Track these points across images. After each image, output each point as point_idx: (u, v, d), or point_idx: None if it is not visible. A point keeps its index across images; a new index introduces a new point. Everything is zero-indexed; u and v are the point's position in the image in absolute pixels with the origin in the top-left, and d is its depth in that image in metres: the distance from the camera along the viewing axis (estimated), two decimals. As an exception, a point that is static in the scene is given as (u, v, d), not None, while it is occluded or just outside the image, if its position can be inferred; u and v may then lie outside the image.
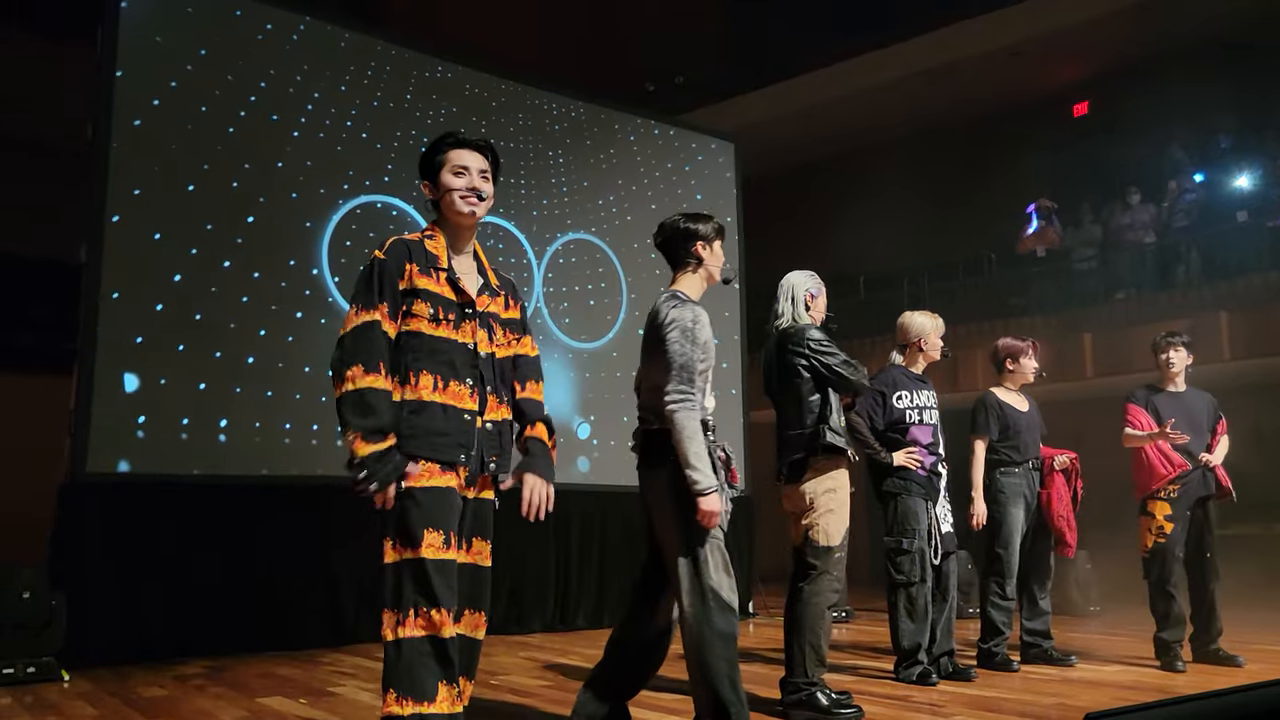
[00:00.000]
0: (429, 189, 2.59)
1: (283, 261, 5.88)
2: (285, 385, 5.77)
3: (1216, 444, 5.06)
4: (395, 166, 6.38)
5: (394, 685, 2.30)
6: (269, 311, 5.78)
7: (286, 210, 5.93)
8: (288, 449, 5.74)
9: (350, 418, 2.34)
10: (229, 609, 5.33)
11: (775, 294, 4.03)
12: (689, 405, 2.96)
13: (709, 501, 2.91)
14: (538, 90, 7.32)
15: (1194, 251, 9.80)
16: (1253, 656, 5.03)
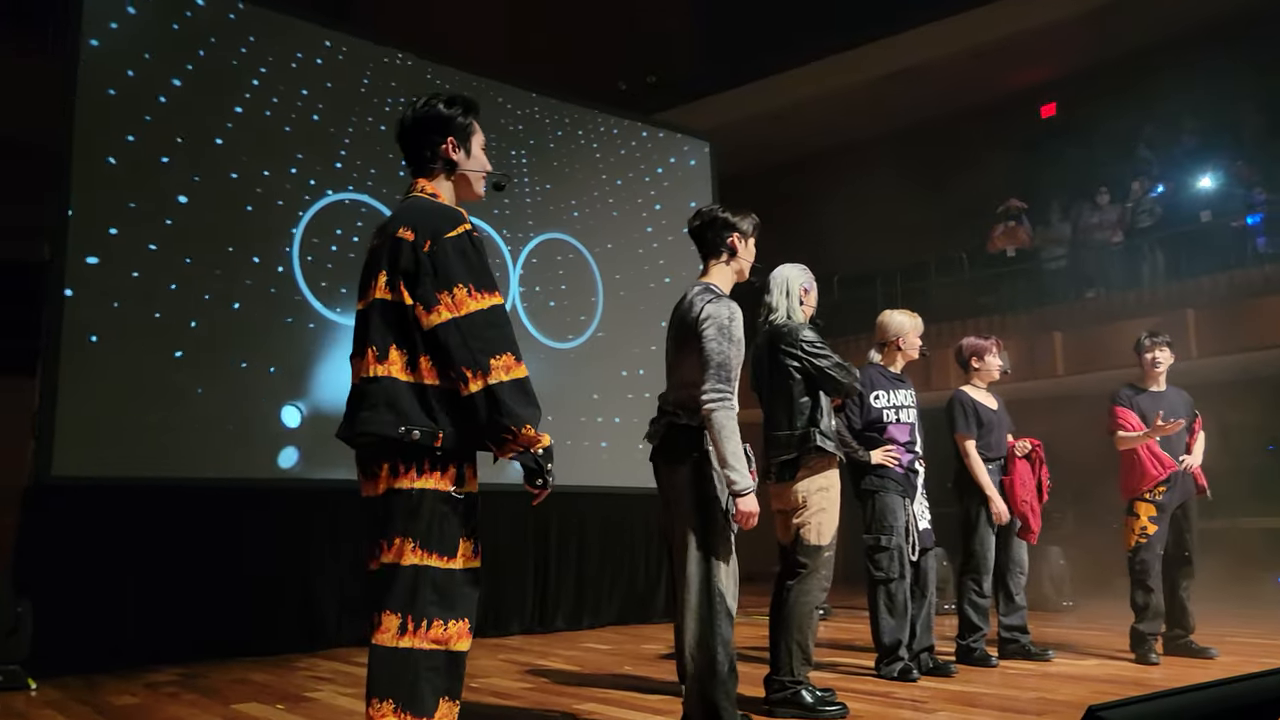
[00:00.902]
0: (454, 149, 2.41)
1: (246, 259, 5.77)
2: (253, 385, 5.67)
3: (1194, 443, 5.11)
4: (364, 163, 6.30)
5: (393, 695, 2.14)
6: (233, 311, 5.67)
7: (253, 207, 5.84)
8: (257, 450, 5.64)
9: (521, 409, 2.17)
10: (201, 614, 5.24)
11: (767, 285, 3.97)
12: (727, 404, 2.96)
13: (748, 502, 2.93)
14: (510, 87, 7.27)
15: (1159, 251, 9.93)
16: (1225, 649, 5.10)
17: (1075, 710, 3.64)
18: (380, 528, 2.24)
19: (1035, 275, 10.85)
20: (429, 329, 2.20)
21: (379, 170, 6.31)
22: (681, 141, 8.30)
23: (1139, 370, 5.23)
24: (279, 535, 5.59)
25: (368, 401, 2.24)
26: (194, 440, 5.41)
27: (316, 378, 5.92)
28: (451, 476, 2.22)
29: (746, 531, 3.02)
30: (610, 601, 7.16)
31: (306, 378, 5.89)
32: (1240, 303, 8.72)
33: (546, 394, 6.89)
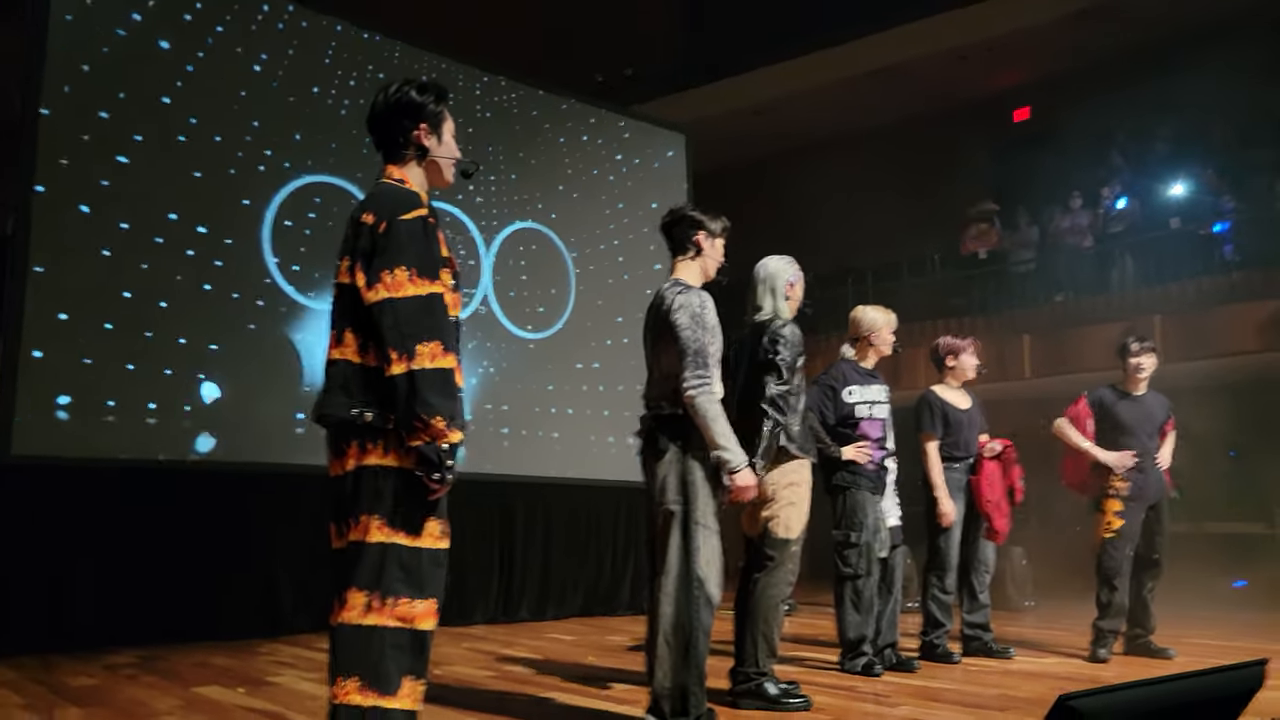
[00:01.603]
0: (426, 135, 2.39)
1: (218, 240, 5.68)
2: (219, 368, 5.59)
3: (1164, 443, 5.17)
4: (339, 146, 6.22)
5: (358, 672, 2.14)
6: (202, 292, 5.59)
7: (224, 187, 5.75)
8: (220, 434, 5.57)
9: (435, 400, 2.13)
10: (161, 597, 5.17)
11: (752, 281, 3.95)
12: (708, 389, 3.02)
13: (743, 477, 3.03)
14: (485, 74, 7.21)
15: (1128, 256, 10.04)
16: (1183, 650, 5.17)
17: (1035, 705, 3.68)
18: (348, 506, 2.23)
19: (1005, 278, 10.95)
20: (367, 306, 2.21)
21: (352, 152, 6.23)
22: (658, 134, 8.28)
23: (1119, 374, 5.25)
24: (239, 519, 5.52)
25: (326, 384, 2.28)
26: (158, 423, 5.34)
27: (282, 362, 5.85)
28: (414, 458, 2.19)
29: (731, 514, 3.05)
30: (575, 593, 7.14)
31: (273, 362, 5.82)
32: (1207, 310, 8.85)
33: (515, 384, 6.96)
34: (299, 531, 5.57)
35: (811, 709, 3.59)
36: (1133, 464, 4.98)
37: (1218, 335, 8.65)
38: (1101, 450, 5.04)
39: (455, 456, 2.21)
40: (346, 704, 2.14)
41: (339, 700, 2.15)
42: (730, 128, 12.33)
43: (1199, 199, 9.82)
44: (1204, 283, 9.17)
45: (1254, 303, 8.58)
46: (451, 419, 2.18)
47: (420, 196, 2.33)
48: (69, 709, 3.50)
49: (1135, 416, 5.09)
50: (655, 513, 3.11)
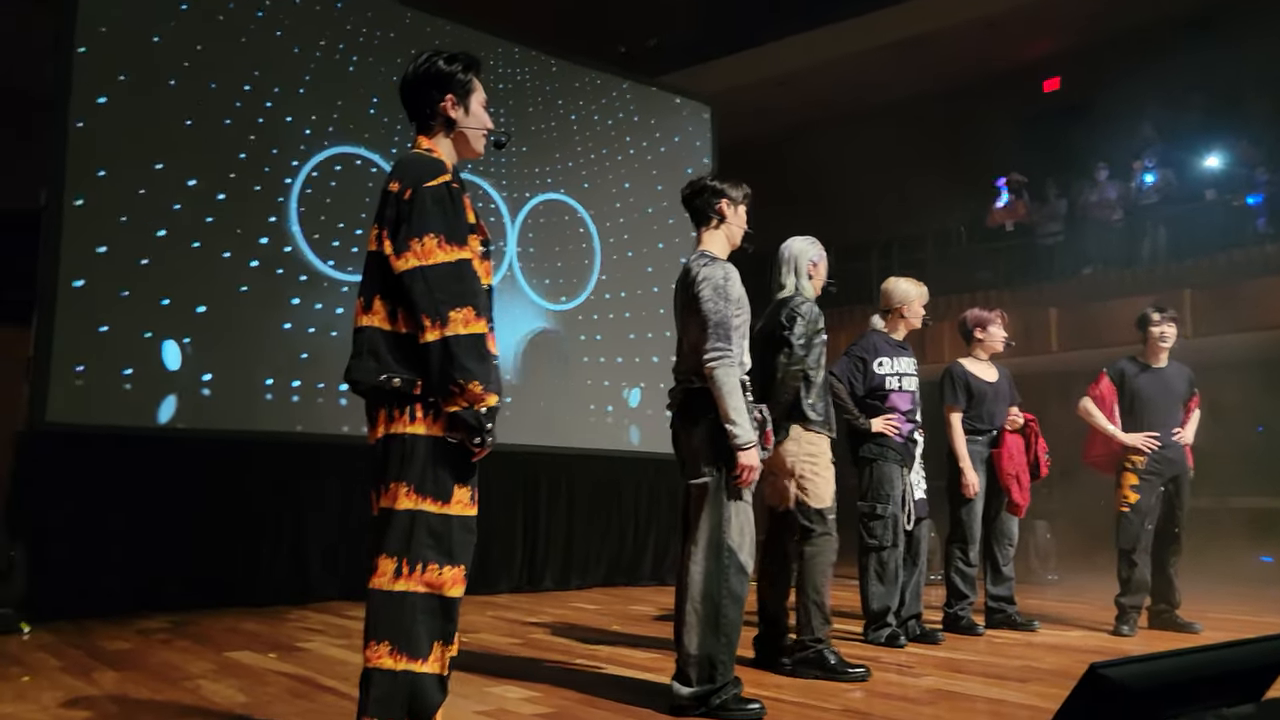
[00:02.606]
0: (453, 106, 2.39)
1: (241, 208, 5.71)
2: (247, 338, 5.65)
3: (1188, 420, 5.13)
4: (366, 119, 6.24)
5: (389, 636, 2.18)
6: (221, 260, 5.61)
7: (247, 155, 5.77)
8: (252, 403, 5.64)
9: (472, 365, 2.16)
10: (192, 564, 5.26)
11: (777, 260, 3.97)
12: (728, 361, 3.02)
13: (748, 456, 3.00)
14: (510, 45, 7.18)
15: (1161, 229, 9.91)
16: (1209, 624, 5.16)
17: (1058, 677, 3.69)
18: (379, 474, 2.26)
19: (1032, 251, 10.83)
20: (397, 274, 2.22)
21: (379, 124, 6.24)
22: (682, 105, 8.23)
23: (1140, 346, 5.22)
24: (270, 488, 5.60)
25: (355, 350, 2.29)
26: (190, 392, 5.40)
27: (305, 330, 5.90)
28: (445, 423, 2.22)
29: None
30: (598, 563, 7.20)
31: (296, 330, 5.86)
32: (1238, 283, 8.72)
33: (540, 355, 6.97)
34: (328, 500, 5.64)
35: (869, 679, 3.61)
36: (1153, 446, 4.96)
37: (1248, 309, 8.52)
38: (1123, 433, 5.02)
39: (493, 420, 2.23)
40: (379, 667, 2.18)
41: (371, 664, 2.19)
42: (755, 98, 12.22)
43: (1233, 171, 9.65)
44: (1235, 255, 9.03)
45: (1286, 275, 8.45)
46: (487, 383, 2.20)
47: (445, 164, 2.33)
48: (105, 672, 3.58)
49: (1156, 388, 5.06)
50: (688, 484, 3.12)
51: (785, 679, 3.64)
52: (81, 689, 3.29)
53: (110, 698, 3.17)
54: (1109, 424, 5.08)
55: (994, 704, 3.27)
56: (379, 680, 2.18)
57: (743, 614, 3.08)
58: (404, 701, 2.19)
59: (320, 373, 5.83)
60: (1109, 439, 5.09)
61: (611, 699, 3.24)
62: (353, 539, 5.56)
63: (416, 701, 2.20)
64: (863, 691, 3.43)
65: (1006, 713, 3.16)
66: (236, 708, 3.05)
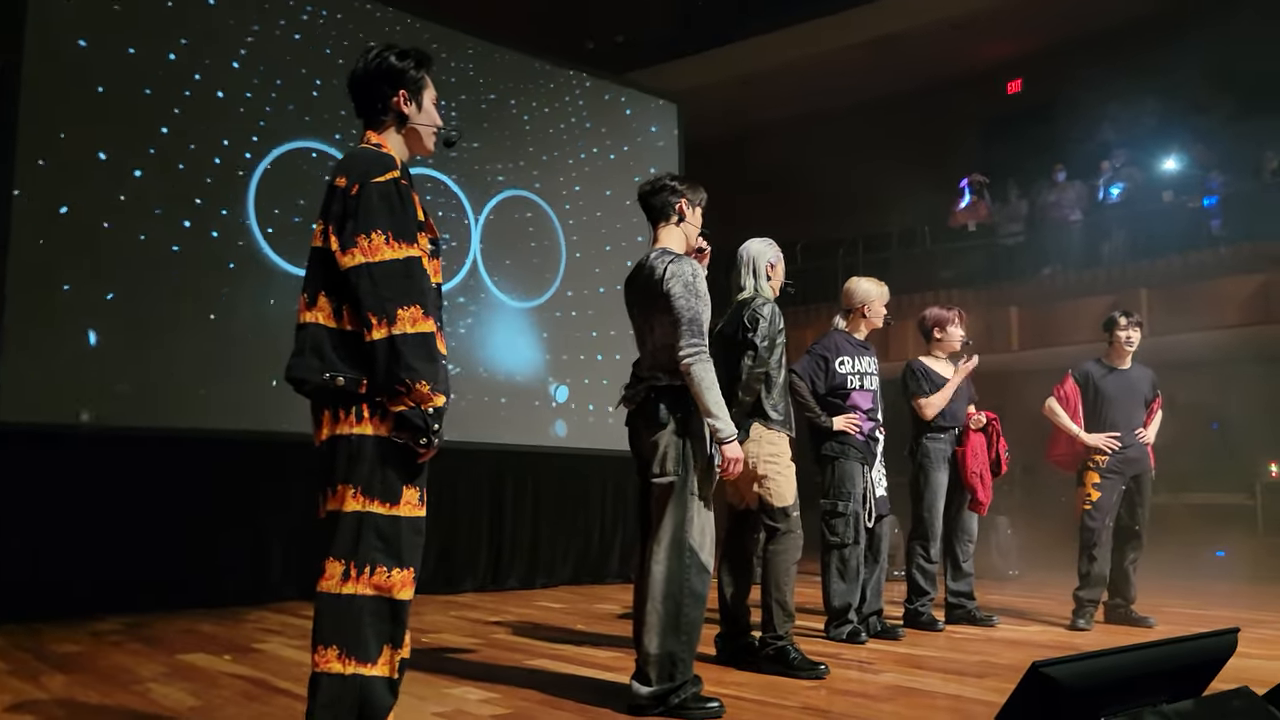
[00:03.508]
0: (405, 102, 2.37)
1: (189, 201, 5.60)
2: (201, 334, 5.55)
3: (1150, 420, 5.23)
4: (321, 111, 6.15)
5: (338, 640, 2.15)
6: (170, 254, 5.51)
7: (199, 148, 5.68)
8: (208, 400, 5.55)
9: (418, 364, 2.13)
10: (146, 564, 5.16)
11: (736, 261, 4.00)
12: (704, 357, 3.04)
13: (733, 449, 3.04)
14: (476, 39, 7.13)
15: (1117, 230, 10.05)
16: (1163, 618, 5.25)
17: (1015, 672, 3.70)
18: (326, 475, 2.23)
19: (994, 251, 10.95)
20: (342, 270, 2.19)
21: (337, 118, 6.17)
22: (650, 103, 8.22)
23: (1104, 347, 5.30)
24: (231, 486, 5.52)
25: (297, 347, 2.26)
26: (141, 390, 5.31)
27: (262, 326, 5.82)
28: (392, 423, 2.19)
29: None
30: (564, 562, 7.18)
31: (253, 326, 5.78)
32: (1193, 284, 8.87)
33: (504, 353, 6.93)
34: (287, 499, 5.57)
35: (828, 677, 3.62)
36: (1115, 446, 5.04)
37: (1203, 308, 8.68)
38: (1086, 434, 5.09)
39: (440, 421, 2.21)
40: (327, 671, 2.16)
41: (320, 668, 2.16)
42: (722, 97, 12.24)
43: (1189, 173, 9.81)
44: (1191, 257, 9.18)
45: (1239, 276, 8.61)
46: (435, 383, 2.18)
47: (394, 159, 2.30)
48: (54, 675, 3.51)
49: (1119, 389, 5.15)
50: (648, 483, 3.11)
51: (746, 676, 3.64)
52: (29, 692, 3.22)
53: (57, 702, 3.11)
54: (1073, 424, 5.15)
55: (952, 699, 3.30)
56: (327, 684, 2.15)
57: (704, 613, 3.08)
58: (353, 705, 2.16)
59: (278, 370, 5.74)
60: (1073, 438, 5.16)
61: (571, 699, 3.22)
62: (313, 538, 5.44)
63: (366, 705, 2.18)
64: (823, 688, 3.45)
65: (964, 708, 3.18)
66: (186, 711, 3.00)
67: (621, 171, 7.77)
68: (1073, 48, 11.27)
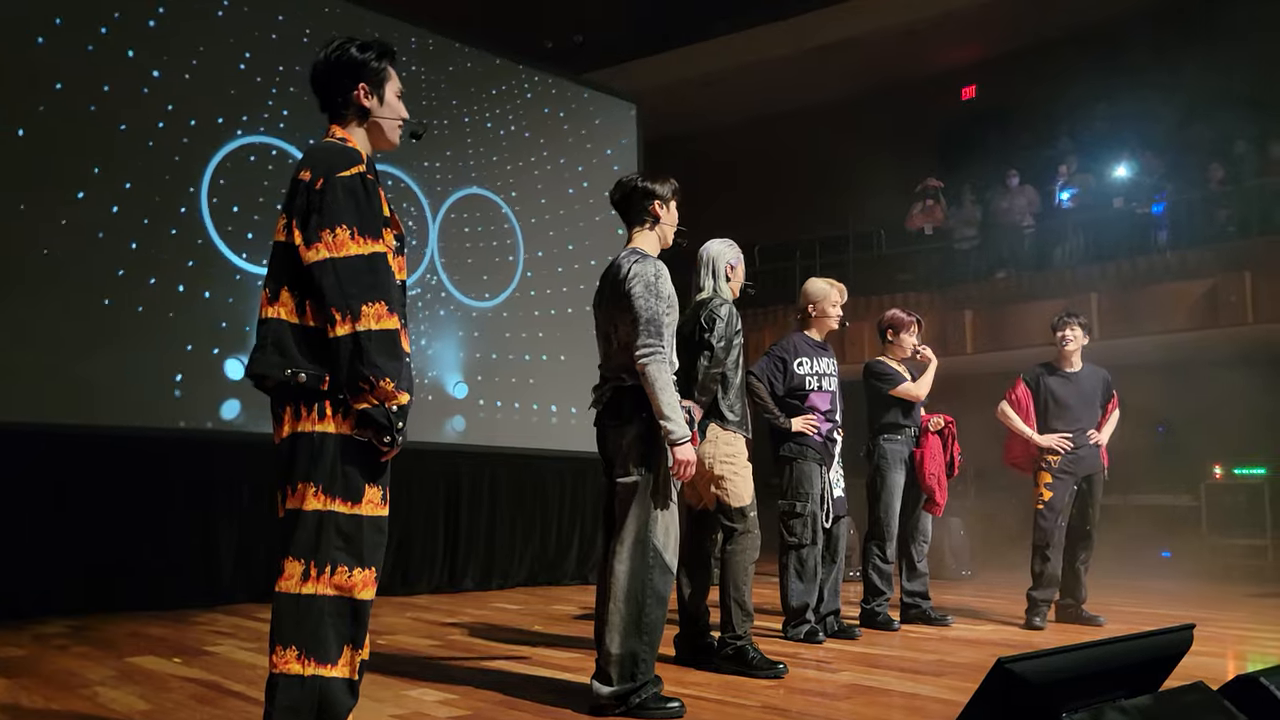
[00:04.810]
0: (366, 95, 2.33)
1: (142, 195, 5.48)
2: (156, 331, 5.44)
3: (1105, 422, 5.32)
4: (275, 105, 6.05)
5: (296, 641, 2.11)
6: (128, 250, 5.40)
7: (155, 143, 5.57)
8: (160, 399, 5.44)
9: (383, 362, 2.10)
10: (92, 566, 5.05)
11: (696, 262, 4.00)
12: (660, 357, 3.01)
13: (684, 450, 3.01)
14: (434, 36, 7.06)
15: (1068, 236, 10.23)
16: (1112, 617, 5.34)
17: (970, 670, 3.77)
18: (285, 473, 2.19)
19: (949, 254, 11.09)
20: (306, 265, 2.16)
21: (294, 113, 6.08)
22: (608, 103, 8.21)
23: (1055, 350, 5.38)
24: (183, 486, 5.41)
25: (258, 343, 2.22)
26: (89, 388, 5.18)
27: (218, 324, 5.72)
28: (355, 421, 2.16)
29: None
30: (521, 563, 7.14)
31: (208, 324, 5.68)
32: (1141, 289, 9.06)
33: (462, 353, 6.87)
34: (239, 500, 5.48)
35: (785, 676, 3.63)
36: (1067, 447, 5.12)
37: (1151, 313, 8.87)
38: (1038, 435, 5.18)
39: (404, 419, 2.18)
40: (285, 673, 2.12)
41: (278, 669, 2.12)
42: (681, 98, 12.27)
43: (1139, 180, 10.02)
44: (1139, 262, 9.38)
45: (1186, 282, 8.81)
46: (399, 381, 2.15)
47: (360, 153, 2.27)
48: (-2, 679, 3.42)
49: (1069, 392, 5.24)
50: (613, 483, 3.10)
51: (705, 676, 3.65)
52: (-30, 699, 3.13)
53: (1, 707, 3.02)
54: (1025, 426, 5.23)
55: (908, 698, 3.33)
56: (286, 686, 2.12)
57: (666, 614, 3.08)
58: (312, 707, 2.12)
59: (231, 367, 5.65)
60: (1027, 441, 5.24)
61: (530, 699, 3.20)
62: (266, 539, 5.40)
63: (325, 707, 2.14)
64: (782, 688, 3.46)
65: (920, 706, 3.21)
66: (136, 715, 2.93)
67: (581, 170, 7.75)
68: (1026, 55, 11.45)
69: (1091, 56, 10.76)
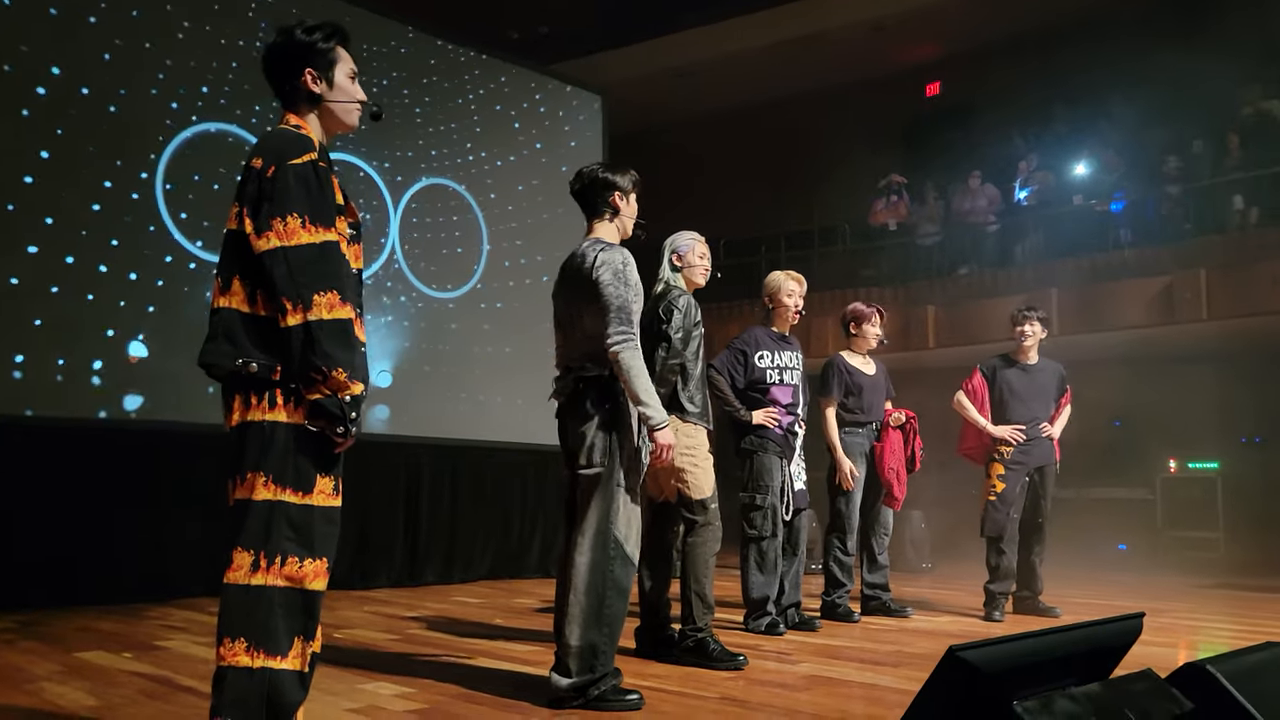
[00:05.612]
0: (314, 81, 2.29)
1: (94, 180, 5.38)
2: (109, 320, 5.34)
3: (1058, 415, 5.38)
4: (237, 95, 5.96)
5: (245, 633, 2.08)
6: (79, 237, 5.29)
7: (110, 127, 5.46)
8: (112, 387, 5.33)
9: (335, 351, 2.06)
10: (40, 559, 4.94)
11: None
12: (632, 344, 2.99)
13: (664, 435, 3.01)
14: (398, 25, 6.98)
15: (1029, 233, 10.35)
16: (1068, 608, 5.41)
17: (928, 660, 3.79)
18: (235, 462, 2.15)
19: (912, 250, 11.17)
20: (257, 254, 2.12)
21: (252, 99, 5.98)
22: (573, 94, 8.17)
23: (1014, 344, 5.44)
24: (135, 477, 5.31)
25: (210, 332, 2.19)
26: (36, 377, 5.08)
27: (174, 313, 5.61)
28: (307, 411, 2.12)
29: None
30: (483, 556, 7.09)
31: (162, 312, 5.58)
32: (1100, 286, 9.18)
33: (424, 344, 6.81)
34: (192, 491, 5.38)
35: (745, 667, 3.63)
36: (1020, 439, 5.17)
37: (1108, 309, 8.99)
38: (992, 426, 5.22)
39: (358, 410, 2.15)
40: (234, 665, 2.07)
41: (226, 662, 2.08)
42: (647, 91, 12.23)
43: (1099, 178, 10.15)
44: (1098, 260, 9.50)
45: (1143, 279, 8.94)
46: (352, 371, 2.12)
47: (312, 140, 2.23)
48: (-60, 675, 3.33)
49: (1024, 384, 5.30)
50: (575, 474, 3.08)
51: (665, 669, 3.64)
52: (-91, 695, 3.05)
53: (-58, 704, 2.95)
54: (980, 417, 5.28)
55: (867, 688, 3.34)
56: (234, 679, 2.07)
57: (627, 606, 3.06)
58: (261, 700, 2.08)
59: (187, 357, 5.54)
60: (980, 431, 5.30)
61: (489, 692, 3.17)
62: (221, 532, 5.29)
63: (275, 699, 2.10)
64: (742, 679, 3.46)
65: (879, 696, 3.22)
66: (83, 711, 2.87)
67: (545, 162, 7.70)
68: (989, 52, 11.54)
69: (1052, 56, 10.87)
